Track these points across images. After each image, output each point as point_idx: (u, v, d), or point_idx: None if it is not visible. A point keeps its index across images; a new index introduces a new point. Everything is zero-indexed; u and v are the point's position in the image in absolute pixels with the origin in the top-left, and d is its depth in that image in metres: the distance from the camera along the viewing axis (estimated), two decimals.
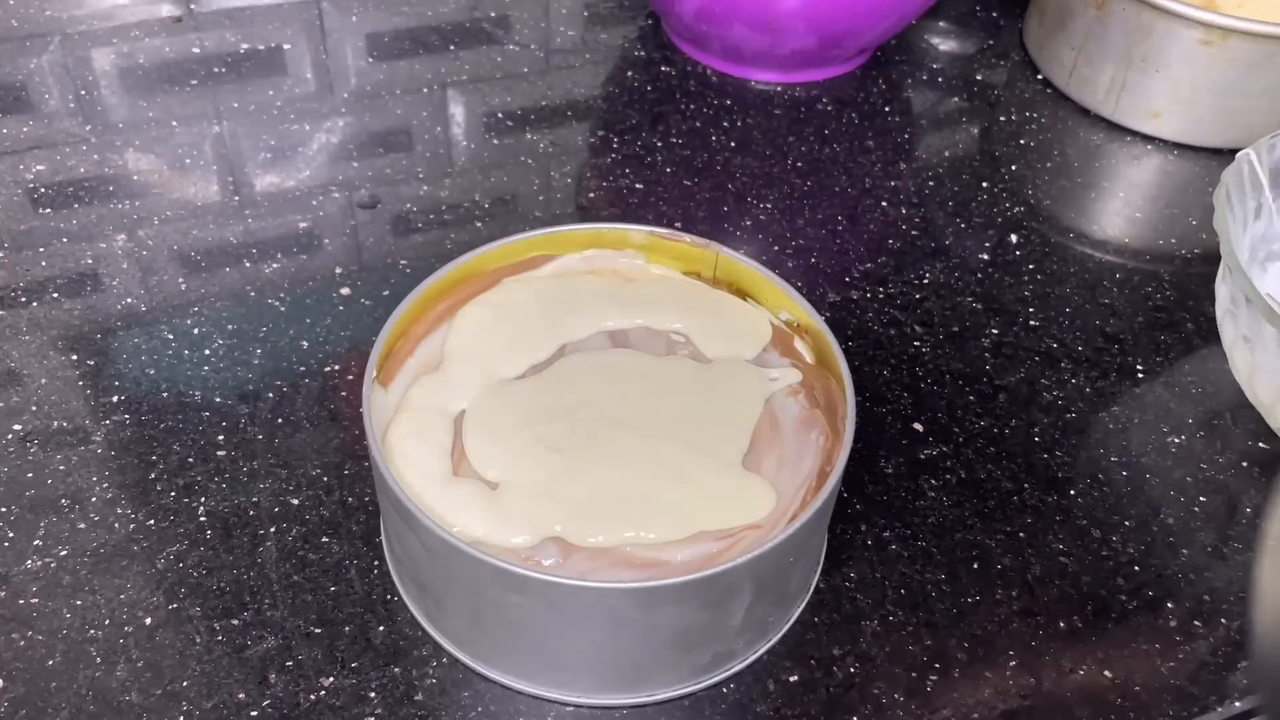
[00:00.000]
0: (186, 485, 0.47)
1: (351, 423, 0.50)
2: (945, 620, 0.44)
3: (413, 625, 0.43)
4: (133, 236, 0.57)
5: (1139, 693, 0.43)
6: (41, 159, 0.61)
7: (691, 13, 0.67)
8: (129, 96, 0.65)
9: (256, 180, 0.61)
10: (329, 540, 0.45)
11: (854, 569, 0.46)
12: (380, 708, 0.41)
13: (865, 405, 0.52)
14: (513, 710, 0.41)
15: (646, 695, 0.41)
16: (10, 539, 0.45)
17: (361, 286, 0.56)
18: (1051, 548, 0.47)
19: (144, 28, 0.69)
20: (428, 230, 0.59)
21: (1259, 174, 0.53)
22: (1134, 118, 0.68)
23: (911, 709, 0.42)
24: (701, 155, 0.64)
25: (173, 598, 0.43)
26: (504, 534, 0.39)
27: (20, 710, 0.40)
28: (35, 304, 0.54)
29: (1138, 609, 0.45)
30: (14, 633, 0.42)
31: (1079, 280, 0.59)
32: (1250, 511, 0.49)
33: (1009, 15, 0.77)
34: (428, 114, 0.66)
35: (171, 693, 0.41)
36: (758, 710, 0.42)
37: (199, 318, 0.54)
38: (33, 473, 0.47)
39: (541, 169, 0.63)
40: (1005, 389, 0.53)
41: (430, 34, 0.71)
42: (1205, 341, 0.56)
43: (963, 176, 0.65)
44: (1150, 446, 0.51)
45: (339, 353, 0.52)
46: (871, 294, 0.57)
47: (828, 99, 0.69)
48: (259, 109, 0.65)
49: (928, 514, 0.48)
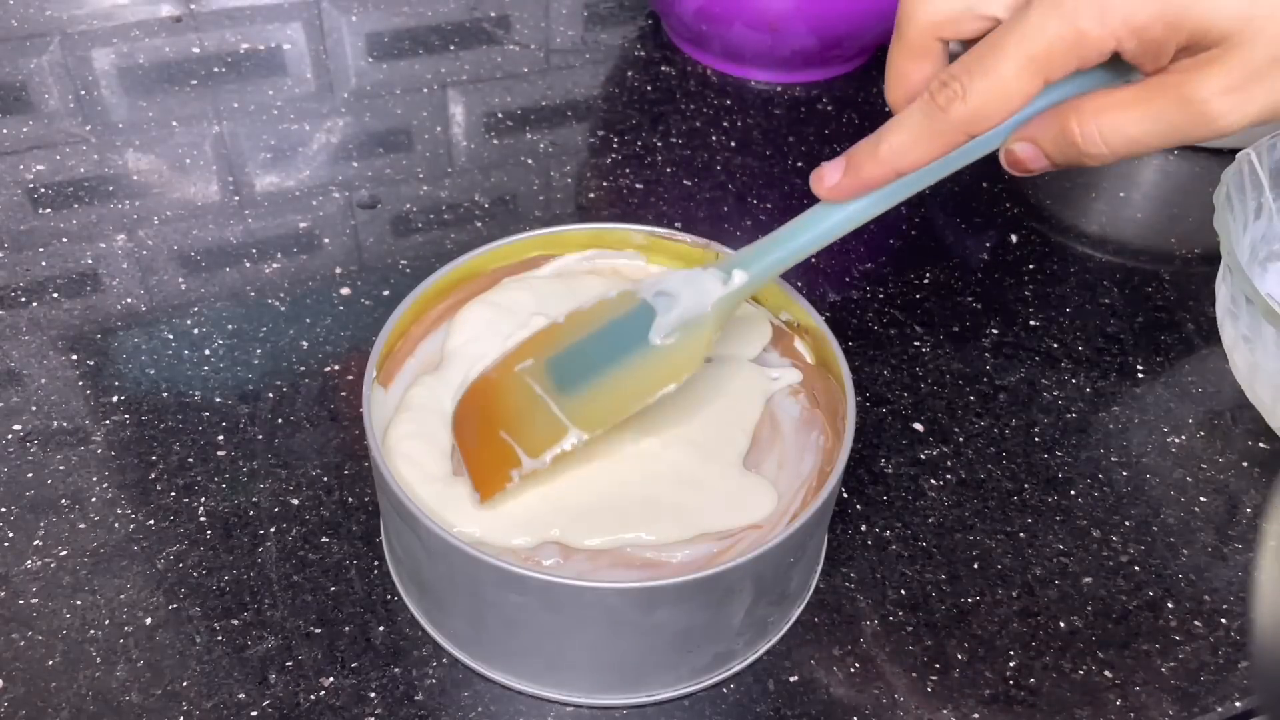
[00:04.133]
0: (186, 485, 0.47)
1: (351, 423, 0.50)
2: (945, 620, 0.44)
3: (413, 625, 0.43)
4: (133, 236, 0.57)
5: (1139, 693, 0.43)
6: (41, 159, 0.61)
7: (691, 13, 0.67)
8: (129, 96, 0.65)
9: (256, 180, 0.61)
10: (329, 540, 0.45)
11: (854, 569, 0.46)
12: (380, 708, 0.41)
13: (865, 405, 0.52)
14: (513, 710, 0.41)
15: (646, 695, 0.41)
16: (10, 539, 0.45)
17: (361, 286, 0.56)
18: (1051, 548, 0.47)
19: (144, 28, 0.69)
20: (428, 230, 0.59)
21: (1259, 174, 0.53)
22: None
23: (911, 709, 0.42)
24: (701, 155, 0.64)
25: (173, 598, 0.43)
26: (504, 535, 0.39)
27: (20, 710, 0.40)
28: (35, 304, 0.54)
29: (1138, 609, 0.45)
30: (14, 633, 0.42)
31: (1079, 280, 0.59)
32: (1250, 511, 0.49)
33: None
34: (428, 114, 0.66)
35: (171, 693, 0.41)
36: (758, 710, 0.42)
37: (199, 318, 0.54)
38: (33, 473, 0.47)
39: (541, 169, 0.63)
40: (1005, 389, 0.53)
41: (430, 34, 0.71)
42: (1205, 341, 0.56)
43: (963, 176, 0.65)
44: (1150, 446, 0.51)
45: (339, 353, 0.52)
46: (871, 294, 0.57)
47: (828, 99, 0.69)
48: (259, 109, 0.65)
49: (928, 514, 0.48)
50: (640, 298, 0.41)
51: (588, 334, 0.42)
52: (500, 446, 0.40)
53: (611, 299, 0.42)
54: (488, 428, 0.41)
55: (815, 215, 0.39)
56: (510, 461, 0.40)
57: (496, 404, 0.42)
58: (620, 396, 0.40)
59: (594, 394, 0.41)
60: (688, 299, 0.41)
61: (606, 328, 0.42)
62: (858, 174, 0.37)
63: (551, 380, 0.41)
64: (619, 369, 0.41)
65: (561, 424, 0.40)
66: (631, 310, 0.41)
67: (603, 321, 0.42)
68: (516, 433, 0.40)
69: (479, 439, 0.41)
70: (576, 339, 0.42)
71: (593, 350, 0.41)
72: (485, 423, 0.42)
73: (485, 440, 0.41)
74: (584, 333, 0.42)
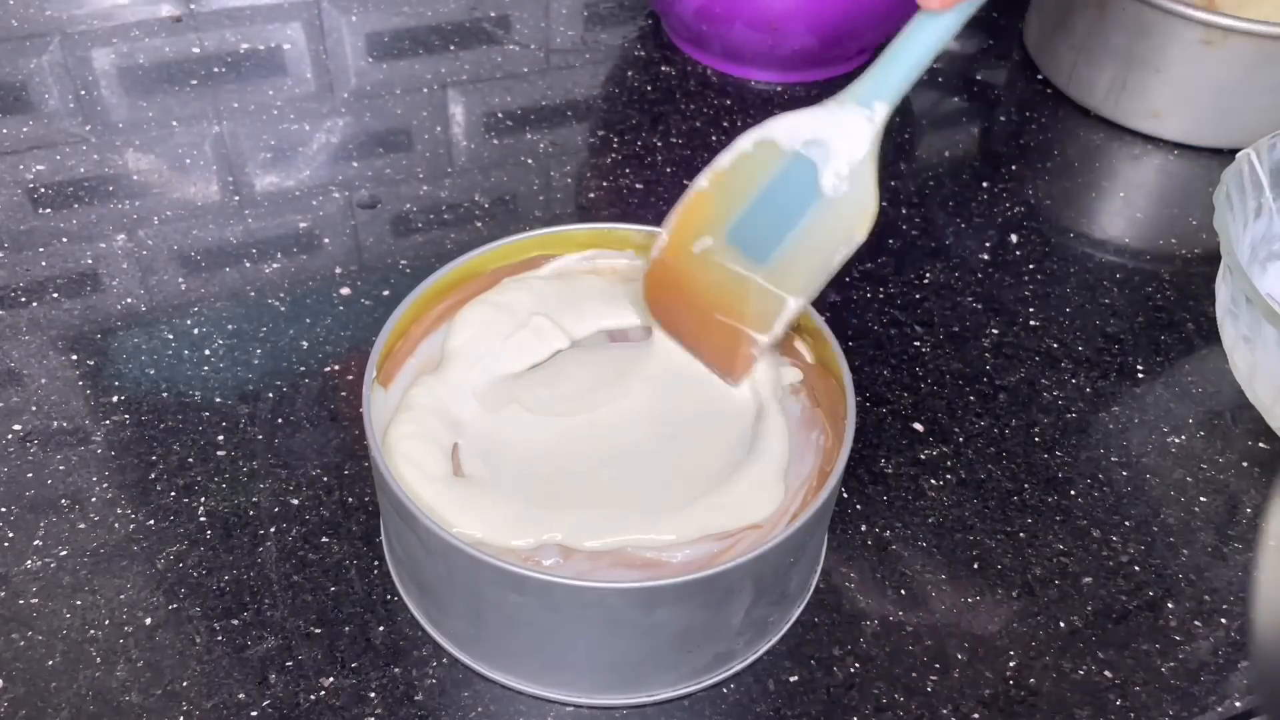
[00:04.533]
0: (186, 485, 0.47)
1: (351, 423, 0.50)
2: (945, 620, 0.44)
3: (413, 625, 0.43)
4: (133, 236, 0.57)
5: (1139, 693, 0.43)
6: (41, 159, 0.61)
7: (691, 13, 0.67)
8: (129, 96, 0.65)
9: (256, 180, 0.61)
10: (329, 540, 0.45)
11: (854, 569, 0.46)
12: (380, 708, 0.41)
13: (865, 405, 0.52)
14: (513, 710, 0.41)
15: (646, 695, 0.41)
16: (10, 539, 0.45)
17: (361, 286, 0.56)
18: (1051, 548, 0.47)
19: (144, 28, 0.69)
20: (428, 230, 0.59)
21: (1259, 174, 0.53)
22: (1134, 118, 0.68)
23: (911, 709, 0.42)
24: (701, 155, 0.64)
25: (173, 598, 0.43)
26: (504, 535, 0.39)
27: (20, 710, 0.40)
28: (35, 304, 0.54)
29: (1138, 609, 0.45)
30: (14, 633, 0.42)
31: (1079, 280, 0.59)
32: (1250, 511, 0.49)
33: (1009, 15, 0.77)
34: (428, 114, 0.66)
35: (171, 693, 0.41)
36: (758, 710, 0.42)
37: (199, 318, 0.54)
38: (33, 473, 0.47)
39: (541, 169, 0.63)
40: (1005, 389, 0.53)
41: (430, 34, 0.71)
42: (1205, 341, 0.56)
43: (963, 176, 0.65)
44: (1150, 446, 0.51)
45: (339, 353, 0.52)
46: (871, 294, 0.57)
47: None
48: (259, 109, 0.65)
49: (928, 514, 0.48)
50: (789, 149, 0.41)
51: (752, 198, 0.42)
52: (725, 330, 0.42)
53: (749, 151, 0.41)
54: (702, 316, 0.43)
55: (920, 26, 0.39)
56: (743, 341, 0.41)
57: (699, 290, 0.43)
58: (816, 255, 0.41)
59: (789, 258, 0.41)
60: (843, 145, 0.40)
61: (770, 188, 0.41)
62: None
63: (742, 254, 0.42)
64: (804, 229, 0.41)
65: (776, 295, 0.41)
66: (788, 165, 0.41)
67: (762, 182, 0.41)
68: (734, 313, 0.41)
69: (698, 328, 0.43)
70: (742, 204, 0.42)
71: (767, 214, 0.41)
72: (695, 311, 0.43)
73: (706, 328, 0.43)
74: (746, 197, 0.42)
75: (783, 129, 0.41)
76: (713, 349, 0.43)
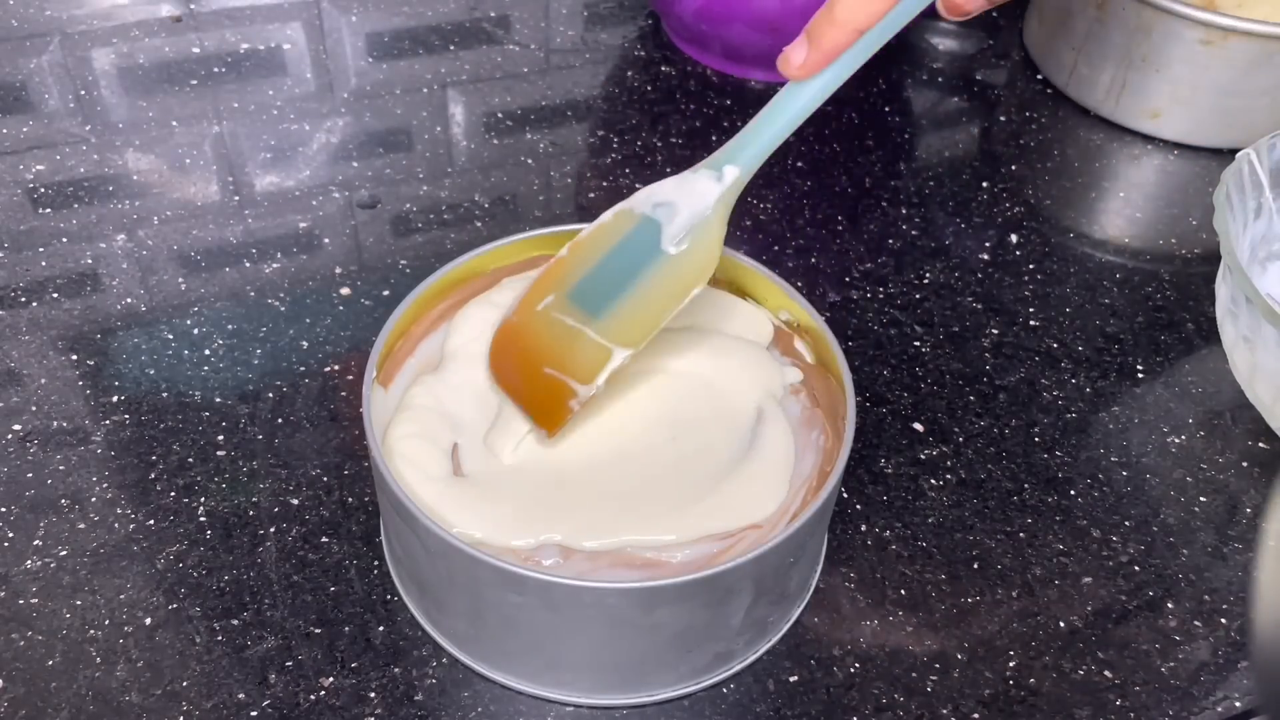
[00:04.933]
0: (186, 485, 0.47)
1: (351, 423, 0.50)
2: (945, 620, 0.44)
3: (413, 625, 0.43)
4: (133, 236, 0.57)
5: (1139, 693, 0.43)
6: (41, 159, 0.61)
7: (691, 13, 0.67)
8: (129, 96, 0.65)
9: (256, 180, 0.61)
10: (329, 540, 0.45)
11: (854, 569, 0.46)
12: (380, 708, 0.41)
13: (865, 405, 0.52)
14: (513, 710, 0.41)
15: (646, 695, 0.41)
16: (10, 539, 0.45)
17: (361, 286, 0.56)
18: (1051, 548, 0.47)
19: (144, 28, 0.69)
20: (428, 230, 0.59)
21: (1259, 174, 0.53)
22: (1134, 118, 0.68)
23: (911, 709, 0.42)
24: (701, 155, 0.64)
25: (173, 598, 0.43)
26: (504, 535, 0.39)
27: (20, 710, 0.40)
28: (35, 304, 0.54)
29: (1138, 609, 0.45)
30: (14, 633, 0.42)
31: (1079, 280, 0.59)
32: (1250, 511, 0.49)
33: (1009, 15, 0.77)
34: (428, 114, 0.66)
35: (171, 693, 0.41)
36: (758, 710, 0.42)
37: (199, 318, 0.54)
38: (33, 473, 0.47)
39: (541, 169, 0.63)
40: (1005, 389, 0.53)
41: (430, 34, 0.71)
42: (1205, 341, 0.56)
43: (963, 176, 0.65)
44: (1150, 446, 0.51)
45: (339, 353, 0.52)
46: (871, 294, 0.57)
47: (828, 99, 0.69)
48: (259, 109, 0.65)
49: (928, 514, 0.48)
50: (639, 213, 0.42)
51: (599, 258, 0.42)
52: (549, 383, 0.41)
53: (608, 221, 0.42)
54: (530, 369, 0.42)
55: (787, 96, 0.40)
56: (565, 394, 0.41)
57: (531, 345, 0.42)
58: (651, 308, 0.41)
59: (624, 312, 0.41)
60: (688, 204, 0.41)
61: (617, 248, 0.42)
62: (820, 45, 0.38)
63: (578, 309, 0.42)
64: (641, 284, 0.41)
65: (603, 347, 0.41)
66: (636, 226, 0.42)
67: (610, 243, 0.42)
68: (561, 366, 0.41)
69: (524, 382, 0.42)
70: (589, 266, 0.42)
71: (610, 272, 0.42)
72: (525, 365, 0.42)
73: (531, 381, 0.42)
74: (594, 258, 0.42)
75: (640, 196, 0.42)
76: (537, 402, 0.42)
